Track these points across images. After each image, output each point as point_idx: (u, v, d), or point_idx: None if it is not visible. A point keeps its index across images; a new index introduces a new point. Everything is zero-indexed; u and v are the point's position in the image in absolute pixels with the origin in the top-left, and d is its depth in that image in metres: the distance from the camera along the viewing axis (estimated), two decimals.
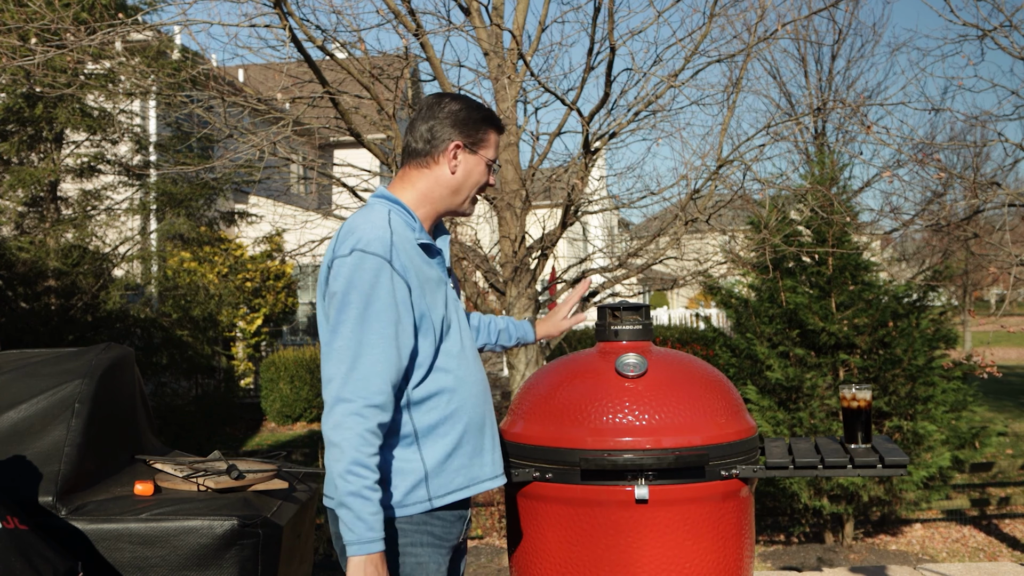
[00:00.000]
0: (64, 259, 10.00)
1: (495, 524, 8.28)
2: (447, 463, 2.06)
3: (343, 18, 6.06)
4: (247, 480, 2.56)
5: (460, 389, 2.10)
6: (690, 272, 7.77)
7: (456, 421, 2.08)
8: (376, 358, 1.94)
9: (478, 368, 2.18)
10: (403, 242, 2.04)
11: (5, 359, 2.77)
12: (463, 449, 2.09)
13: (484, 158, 2.16)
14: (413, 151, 2.16)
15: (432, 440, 2.05)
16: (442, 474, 2.05)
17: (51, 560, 2.00)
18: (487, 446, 2.15)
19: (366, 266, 1.96)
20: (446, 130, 2.13)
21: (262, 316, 14.98)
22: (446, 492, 2.06)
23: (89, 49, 5.88)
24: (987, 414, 13.58)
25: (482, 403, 2.15)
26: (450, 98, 2.18)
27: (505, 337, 2.59)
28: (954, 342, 8.48)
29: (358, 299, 1.96)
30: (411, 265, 2.03)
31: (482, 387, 2.17)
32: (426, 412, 2.05)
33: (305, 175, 12.83)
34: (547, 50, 15.04)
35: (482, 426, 2.14)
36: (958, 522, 9.07)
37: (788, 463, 2.36)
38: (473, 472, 2.11)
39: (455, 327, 2.14)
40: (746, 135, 7.21)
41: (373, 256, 1.97)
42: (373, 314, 1.95)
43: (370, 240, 1.98)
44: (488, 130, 2.16)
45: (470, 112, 2.15)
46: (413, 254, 2.05)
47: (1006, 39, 6.36)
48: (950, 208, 9.79)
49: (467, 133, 2.14)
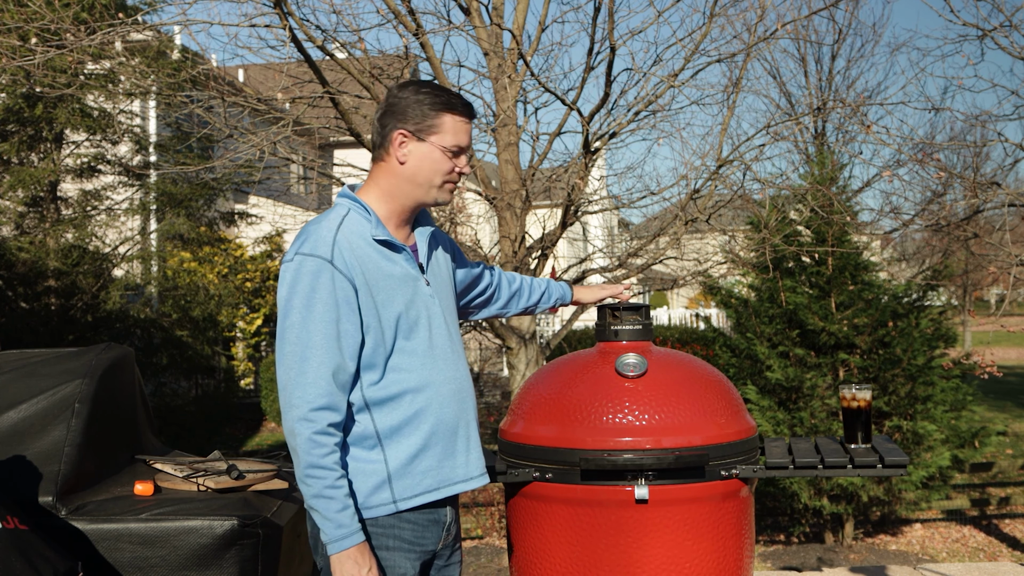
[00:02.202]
0: (64, 259, 10.00)
1: (495, 524, 8.28)
2: (412, 465, 2.03)
3: (343, 18, 6.06)
4: (247, 480, 2.56)
5: (425, 390, 2.05)
6: (690, 272, 7.77)
7: (421, 422, 2.04)
8: (320, 360, 1.94)
9: (453, 367, 2.12)
10: (353, 239, 2.02)
11: (5, 359, 2.77)
12: (431, 451, 2.05)
13: (436, 145, 2.06)
14: (373, 145, 2.14)
15: (396, 441, 2.02)
16: (407, 476, 2.02)
17: (51, 560, 2.00)
18: (460, 448, 2.10)
19: (306, 269, 1.97)
20: (390, 120, 2.07)
21: (262, 316, 14.98)
22: (412, 495, 2.02)
23: (89, 49, 5.87)
24: (987, 414, 13.59)
25: (455, 403, 2.10)
26: (403, 86, 2.11)
27: (546, 297, 2.61)
28: (954, 342, 8.48)
29: (299, 302, 1.96)
30: (359, 263, 2.00)
31: (455, 387, 2.11)
32: (388, 413, 2.02)
33: (305, 175, 12.83)
34: (547, 50, 15.00)
35: (454, 427, 2.09)
36: (958, 522, 9.07)
37: (788, 463, 2.36)
38: (443, 474, 2.07)
39: (423, 325, 2.08)
40: (746, 135, 7.21)
41: (313, 258, 1.97)
42: (314, 316, 1.95)
43: (313, 242, 1.99)
44: (439, 114, 2.05)
45: (420, 97, 2.05)
46: (366, 252, 2.02)
47: (1006, 39, 6.36)
48: (950, 208, 9.79)
49: (413, 120, 2.05)
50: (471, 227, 8.92)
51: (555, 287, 2.61)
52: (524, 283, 2.57)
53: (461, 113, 2.09)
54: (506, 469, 2.40)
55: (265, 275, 14.91)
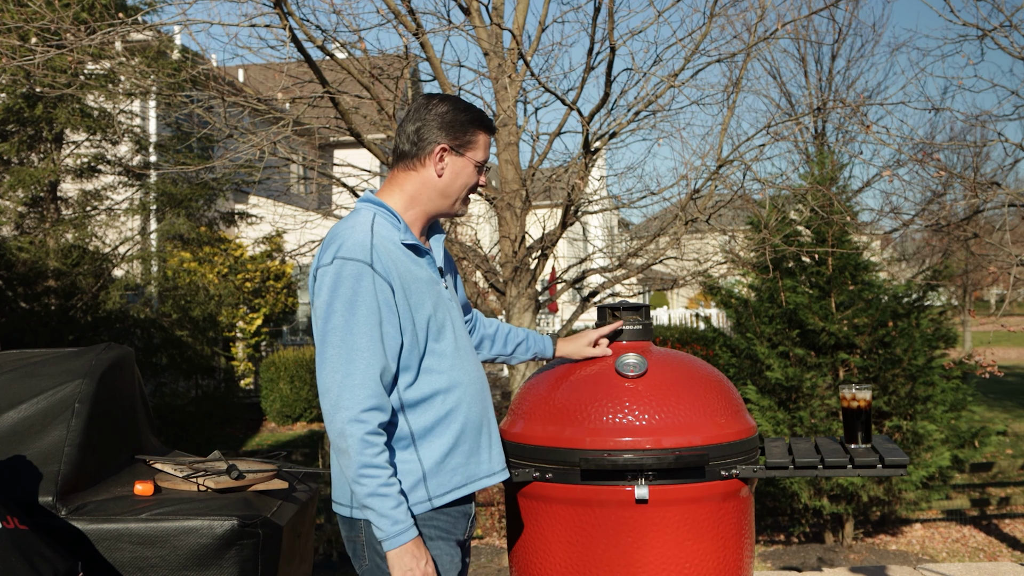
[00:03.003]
0: (64, 259, 10.00)
1: (495, 524, 8.28)
2: (444, 463, 2.09)
3: (343, 18, 6.06)
4: (247, 480, 2.56)
5: (455, 390, 2.11)
6: (690, 272, 7.77)
7: (452, 422, 2.10)
8: (367, 362, 1.98)
9: (475, 367, 2.20)
10: (386, 244, 2.06)
11: (5, 359, 2.77)
12: (460, 449, 2.11)
13: (472, 160, 2.16)
14: (401, 153, 2.16)
15: (428, 441, 2.08)
16: (440, 474, 2.08)
17: (51, 560, 2.00)
18: (484, 444, 2.17)
19: (347, 272, 2.00)
20: (432, 132, 2.13)
21: (262, 316, 14.98)
22: (444, 491, 2.09)
23: (89, 49, 5.87)
24: (987, 414, 13.60)
25: (479, 402, 2.17)
26: (439, 99, 2.17)
27: (523, 350, 2.55)
28: (954, 342, 8.49)
29: (342, 306, 1.99)
30: (395, 267, 2.05)
31: (479, 387, 2.18)
32: (421, 414, 2.08)
33: (305, 175, 12.83)
34: (547, 50, 15.04)
35: (479, 425, 2.16)
36: (958, 522, 9.07)
37: (788, 463, 2.36)
38: (470, 470, 2.13)
39: (449, 328, 2.14)
40: (746, 135, 7.21)
41: (353, 262, 2.00)
42: (358, 319, 1.99)
43: (351, 246, 2.01)
44: (476, 132, 2.16)
45: (457, 114, 2.14)
46: (398, 256, 2.07)
47: (1006, 39, 6.36)
48: (950, 208, 9.80)
49: (453, 135, 2.13)
50: (471, 227, 8.92)
51: (534, 339, 2.55)
52: (500, 330, 2.53)
53: (490, 131, 2.20)
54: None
55: (265, 275, 14.91)
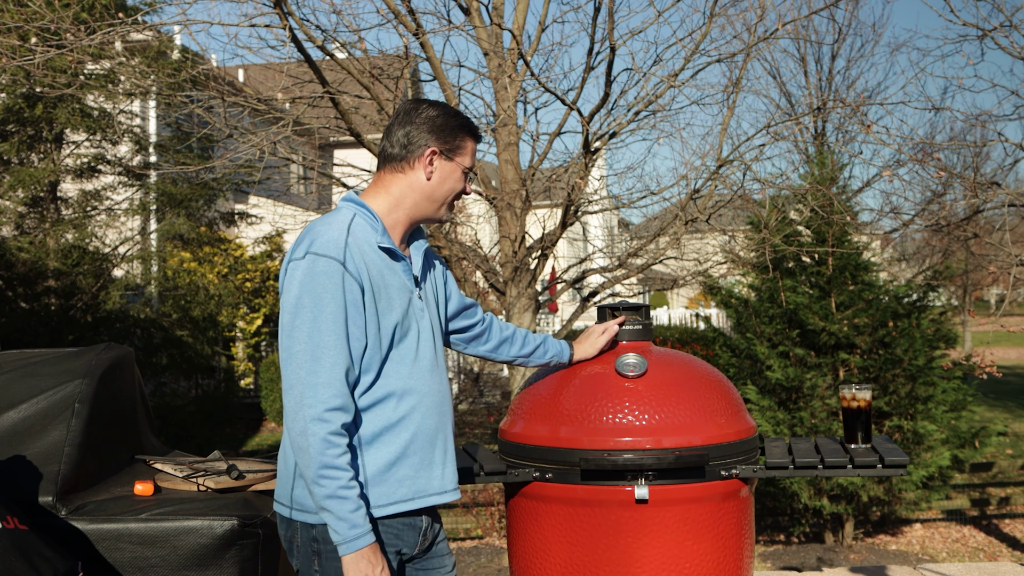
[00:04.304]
0: (64, 259, 10.00)
1: (495, 524, 8.27)
2: (389, 473, 2.02)
3: (343, 18, 6.04)
4: (247, 480, 2.56)
5: (408, 397, 2.06)
6: (690, 272, 7.76)
7: (401, 430, 2.04)
8: (332, 360, 1.94)
9: (436, 379, 2.13)
10: (361, 245, 2.04)
11: (5, 359, 2.77)
12: (408, 460, 2.05)
13: (460, 165, 2.16)
14: (389, 156, 2.15)
15: (374, 448, 2.02)
16: (383, 483, 2.02)
17: (51, 560, 2.00)
18: (437, 459, 2.10)
19: (318, 268, 1.97)
20: (423, 136, 2.12)
21: (262, 316, 14.98)
22: (388, 503, 2.02)
23: (89, 49, 5.87)
24: (987, 414, 13.60)
25: (435, 415, 2.10)
26: (428, 104, 2.17)
27: (540, 352, 2.50)
28: (954, 342, 8.49)
29: (311, 302, 1.96)
30: (367, 268, 2.02)
31: (437, 399, 2.12)
32: (370, 419, 2.02)
33: (305, 175, 12.82)
34: (547, 50, 15.02)
35: (433, 438, 2.09)
36: (958, 522, 9.08)
37: (788, 463, 2.36)
38: (419, 485, 2.06)
39: (413, 334, 2.10)
40: (746, 135, 7.20)
41: (325, 258, 1.98)
42: (326, 316, 1.95)
43: (324, 243, 1.99)
44: (465, 137, 2.16)
45: (448, 119, 2.14)
46: (373, 258, 2.05)
47: (1006, 39, 6.36)
48: (950, 208, 9.80)
49: (444, 139, 2.13)
50: (471, 227, 8.93)
51: (552, 344, 2.52)
52: (517, 333, 2.51)
53: (478, 138, 2.21)
54: (506, 469, 2.40)
55: (265, 275, 14.91)
